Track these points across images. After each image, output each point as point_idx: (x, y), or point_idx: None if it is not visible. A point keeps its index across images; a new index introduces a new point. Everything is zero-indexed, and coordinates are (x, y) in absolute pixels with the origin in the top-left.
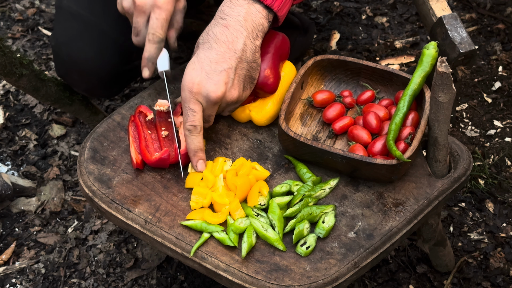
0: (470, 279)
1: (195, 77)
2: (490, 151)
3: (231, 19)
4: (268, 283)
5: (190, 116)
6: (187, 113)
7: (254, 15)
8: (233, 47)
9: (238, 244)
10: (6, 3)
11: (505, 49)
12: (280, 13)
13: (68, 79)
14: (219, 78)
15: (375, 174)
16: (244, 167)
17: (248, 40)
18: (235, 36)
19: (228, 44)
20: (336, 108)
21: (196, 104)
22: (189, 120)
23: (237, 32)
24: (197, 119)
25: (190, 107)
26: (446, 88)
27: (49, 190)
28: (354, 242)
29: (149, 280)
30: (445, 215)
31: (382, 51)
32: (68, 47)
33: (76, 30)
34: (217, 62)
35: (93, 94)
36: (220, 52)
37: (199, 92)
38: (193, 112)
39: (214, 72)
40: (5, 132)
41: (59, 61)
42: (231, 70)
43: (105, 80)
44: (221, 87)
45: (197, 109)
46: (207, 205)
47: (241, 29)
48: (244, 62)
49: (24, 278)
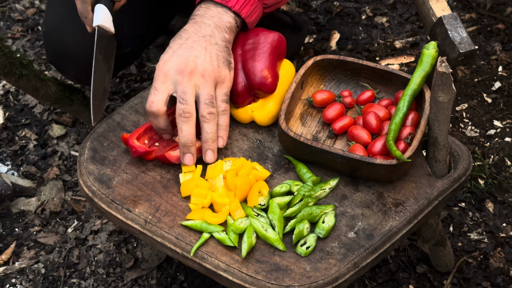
0: (470, 279)
1: (166, 58)
2: (490, 151)
3: (199, 18)
4: (268, 283)
5: (151, 95)
6: (151, 92)
7: (221, 14)
8: (201, 33)
9: (238, 244)
10: (6, 3)
11: (505, 49)
12: (248, 20)
13: (58, 64)
14: (190, 53)
15: (375, 174)
16: (244, 167)
17: (215, 30)
18: (203, 27)
19: (197, 32)
20: (336, 108)
21: (163, 84)
22: (149, 100)
23: (205, 24)
24: (156, 99)
25: (155, 85)
26: (446, 88)
27: (49, 190)
28: (354, 242)
29: (149, 280)
30: (445, 215)
31: (382, 51)
32: (58, 31)
33: (66, 15)
34: (187, 44)
35: (83, 81)
36: (190, 38)
37: (170, 69)
38: (156, 90)
39: (183, 49)
40: (5, 132)
41: (49, 46)
42: (201, 48)
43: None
44: (191, 59)
45: (161, 89)
46: (207, 205)
47: (208, 22)
48: (213, 44)
49: (24, 278)
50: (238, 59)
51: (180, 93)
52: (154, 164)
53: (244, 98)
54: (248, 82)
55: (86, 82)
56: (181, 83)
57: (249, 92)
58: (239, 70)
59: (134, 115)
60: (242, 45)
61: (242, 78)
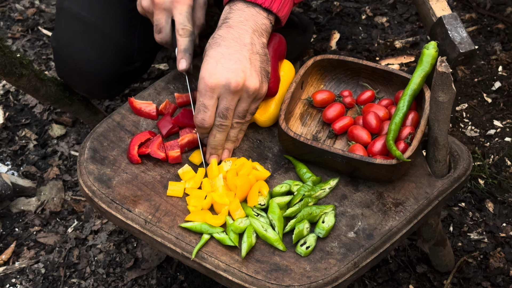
0: (470, 279)
1: (210, 69)
2: (490, 151)
3: (233, 21)
4: (268, 283)
5: (201, 113)
6: (199, 108)
7: (255, 16)
8: (242, 41)
9: (238, 244)
10: (6, 3)
11: (505, 49)
12: (281, 13)
13: (69, 80)
14: (236, 66)
15: (375, 174)
16: (244, 167)
17: (254, 35)
18: (241, 33)
19: (236, 40)
20: (336, 108)
21: (211, 99)
22: (199, 117)
23: (242, 30)
24: (207, 117)
25: (204, 102)
26: (446, 88)
27: (49, 190)
28: (354, 242)
29: (149, 280)
30: (445, 215)
31: (382, 51)
32: (70, 48)
33: (77, 31)
34: (230, 54)
35: (94, 95)
36: (231, 46)
37: (217, 83)
38: (205, 108)
39: (229, 62)
40: (5, 132)
41: (60, 62)
42: (246, 60)
43: (106, 81)
44: (239, 73)
45: (210, 105)
46: (206, 207)
47: (245, 27)
48: (256, 54)
49: (24, 278)
50: None
51: (222, 108)
52: (154, 164)
53: None
54: None
55: (97, 97)
56: (227, 99)
57: None
58: None
59: (134, 115)
60: None
61: None
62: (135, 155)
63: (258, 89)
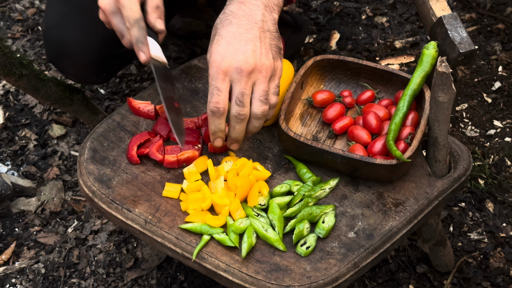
0: (470, 279)
1: (222, 52)
2: (490, 151)
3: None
4: (268, 283)
5: (215, 96)
6: (213, 91)
7: None
8: (253, 19)
9: (238, 244)
10: (6, 3)
11: (505, 49)
12: None
13: (57, 63)
14: (247, 47)
15: (375, 174)
16: (245, 167)
17: (266, 11)
18: (253, 9)
19: (247, 17)
20: (336, 108)
21: (224, 82)
22: (213, 101)
23: (254, 5)
24: (221, 100)
25: (217, 85)
26: (446, 88)
27: (49, 190)
28: (354, 242)
29: (149, 280)
30: (445, 215)
31: (382, 51)
32: (58, 29)
33: (66, 13)
34: (241, 34)
35: (83, 79)
36: (242, 25)
37: (229, 66)
38: (219, 91)
39: (240, 43)
40: (5, 132)
41: (49, 44)
42: (256, 39)
43: (93, 63)
44: (250, 55)
45: (223, 88)
46: (206, 208)
47: (257, 2)
48: (266, 32)
49: (24, 278)
50: None
51: (238, 94)
52: (154, 164)
53: None
54: None
55: (85, 81)
56: (240, 82)
57: None
58: None
59: (134, 115)
60: None
61: None
62: (134, 156)
63: (271, 67)
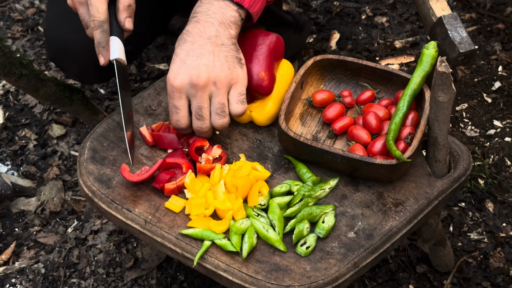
0: (470, 279)
1: (175, 70)
2: (490, 151)
3: (201, 15)
4: (268, 283)
5: (174, 114)
6: (172, 110)
7: (224, 9)
8: (206, 35)
9: (239, 249)
10: (6, 3)
11: (505, 49)
12: (252, 9)
13: (59, 62)
14: (199, 62)
15: (375, 174)
16: (243, 168)
17: (220, 28)
18: (206, 27)
19: (201, 34)
20: (336, 108)
21: (180, 99)
22: (174, 119)
23: (208, 23)
24: (181, 117)
25: (174, 103)
26: (446, 88)
27: (49, 190)
28: (354, 242)
29: (149, 280)
30: (445, 215)
31: (382, 51)
32: (60, 29)
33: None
34: (194, 50)
35: (85, 79)
36: (195, 42)
37: (182, 83)
38: (177, 109)
39: (192, 58)
40: (5, 132)
41: (50, 44)
42: (209, 53)
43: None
44: (203, 70)
45: (181, 106)
46: (209, 214)
47: (211, 20)
48: (221, 46)
49: (24, 278)
50: None
51: (196, 108)
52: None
53: None
54: None
55: (87, 80)
56: (196, 97)
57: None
58: None
59: (134, 115)
60: (240, 46)
61: None
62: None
63: (226, 77)
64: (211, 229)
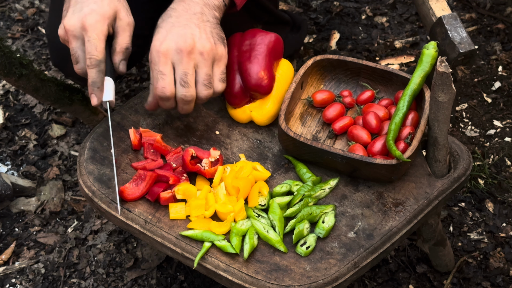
0: (470, 279)
1: (161, 38)
2: (490, 151)
3: None
4: (268, 283)
5: (160, 80)
6: (157, 76)
7: None
8: (191, 11)
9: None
10: (6, 3)
11: (505, 49)
12: None
13: (63, 67)
14: (185, 31)
15: (375, 174)
16: (244, 169)
17: (205, 7)
18: (192, 5)
19: (186, 10)
20: (336, 108)
21: (166, 65)
22: (159, 86)
23: (193, 2)
24: (167, 84)
25: (160, 69)
26: (446, 88)
27: (49, 190)
28: (354, 242)
29: (149, 280)
30: (445, 215)
31: (382, 51)
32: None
33: None
34: (180, 22)
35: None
36: (181, 16)
37: (168, 48)
38: (163, 75)
39: (178, 28)
40: (5, 132)
41: (54, 49)
42: (195, 26)
43: None
44: (189, 37)
45: (167, 71)
46: (209, 216)
47: (196, 0)
48: (206, 22)
49: (24, 278)
50: (234, 60)
51: (181, 74)
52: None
53: (240, 99)
54: (244, 83)
55: None
56: (181, 62)
57: (245, 93)
58: (235, 71)
59: (134, 115)
60: (239, 46)
61: (238, 79)
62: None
63: (212, 50)
64: (212, 230)
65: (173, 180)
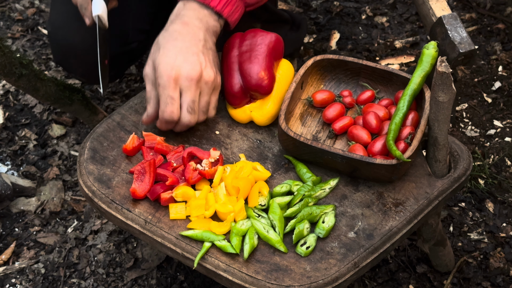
0: (470, 279)
1: (171, 62)
2: (490, 151)
3: (188, 18)
4: (268, 283)
5: (169, 105)
6: (166, 101)
7: (207, 17)
8: (196, 37)
9: (239, 250)
10: (6, 3)
11: (505, 49)
12: (231, 18)
13: (65, 64)
14: (194, 59)
15: (375, 174)
16: (243, 169)
17: (207, 34)
18: (195, 30)
19: (191, 35)
20: (336, 108)
21: (175, 91)
22: (168, 110)
23: (196, 27)
24: (175, 109)
25: (170, 94)
26: (446, 88)
27: (49, 190)
28: (354, 242)
29: (149, 280)
30: (445, 215)
31: (382, 51)
32: (64, 30)
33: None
34: (187, 47)
35: (91, 79)
36: (187, 41)
37: (179, 75)
38: (172, 100)
39: (187, 54)
40: (5, 132)
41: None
42: (201, 53)
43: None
44: (197, 65)
45: (176, 97)
46: (209, 216)
47: (199, 25)
48: (209, 49)
49: (24, 278)
50: (234, 60)
51: (189, 101)
52: None
53: (240, 99)
54: (244, 83)
55: (94, 81)
56: (190, 90)
57: (245, 93)
58: (235, 71)
59: (134, 115)
60: (239, 46)
61: (238, 80)
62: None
63: (215, 80)
64: (212, 230)
65: (171, 181)
